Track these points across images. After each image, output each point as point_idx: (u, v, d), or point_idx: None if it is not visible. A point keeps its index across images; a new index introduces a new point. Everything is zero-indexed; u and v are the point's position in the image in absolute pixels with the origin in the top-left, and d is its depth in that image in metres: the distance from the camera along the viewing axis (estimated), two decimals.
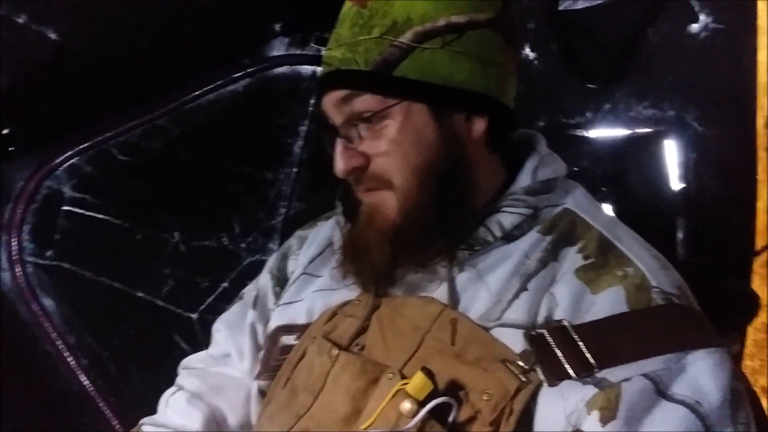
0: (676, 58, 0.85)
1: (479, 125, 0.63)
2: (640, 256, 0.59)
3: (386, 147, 0.60)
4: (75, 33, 0.95)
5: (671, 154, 0.84)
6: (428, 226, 0.61)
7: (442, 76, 0.60)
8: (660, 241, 0.64)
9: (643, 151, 0.86)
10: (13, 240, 1.04)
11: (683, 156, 0.83)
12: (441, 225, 0.61)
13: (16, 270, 1.03)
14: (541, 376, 0.53)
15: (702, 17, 0.81)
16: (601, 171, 0.91)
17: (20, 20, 0.92)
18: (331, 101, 0.63)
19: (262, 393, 0.70)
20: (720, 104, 0.81)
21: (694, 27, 0.82)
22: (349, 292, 0.68)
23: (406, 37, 0.59)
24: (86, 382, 1.04)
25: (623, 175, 0.89)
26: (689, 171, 0.83)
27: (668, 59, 0.85)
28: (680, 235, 0.82)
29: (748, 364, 0.73)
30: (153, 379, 0.84)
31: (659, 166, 0.85)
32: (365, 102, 0.60)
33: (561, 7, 0.93)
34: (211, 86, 1.13)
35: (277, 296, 0.78)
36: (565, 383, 0.53)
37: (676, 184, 0.84)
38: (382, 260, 0.62)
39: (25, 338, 1.03)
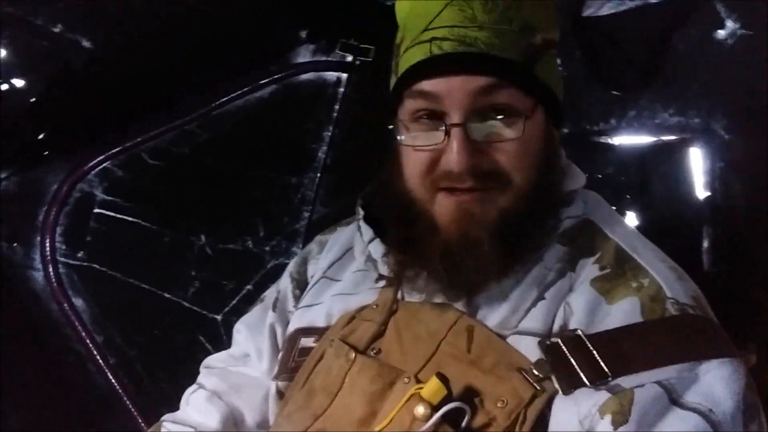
0: (703, 64, 0.84)
1: (557, 137, 0.65)
2: (657, 268, 0.59)
3: (517, 147, 0.58)
4: (107, 41, 0.99)
5: (697, 162, 0.83)
6: (533, 226, 0.60)
7: (553, 83, 0.62)
8: (685, 251, 0.63)
9: (669, 158, 0.85)
10: (46, 241, 1.07)
11: (709, 164, 0.82)
12: (539, 231, 0.61)
13: (49, 270, 1.07)
14: (556, 385, 0.54)
15: (729, 23, 0.80)
16: (626, 179, 0.90)
17: (56, 29, 0.95)
18: (461, 86, 0.56)
19: (280, 393, 0.71)
20: (747, 111, 0.80)
21: (721, 33, 0.81)
22: (368, 296, 0.69)
23: (537, 41, 0.59)
24: (114, 381, 1.07)
25: (648, 183, 0.88)
26: (715, 179, 0.82)
27: (694, 66, 0.84)
28: (705, 244, 0.81)
29: None
30: (178, 378, 0.86)
31: (685, 174, 0.84)
32: (508, 96, 0.57)
33: (585, 14, 0.93)
34: (239, 92, 1.15)
35: (297, 299, 0.79)
36: (579, 390, 0.53)
37: (701, 192, 0.83)
38: (487, 260, 0.58)
39: (55, 337, 1.07)
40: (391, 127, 0.63)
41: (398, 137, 0.62)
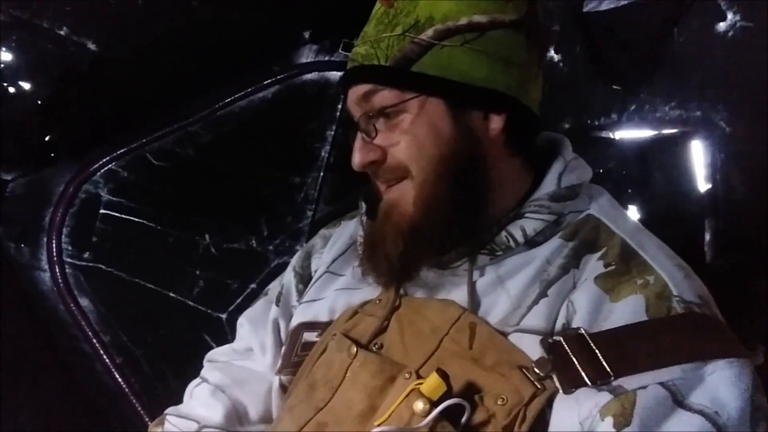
0: (704, 57, 0.83)
1: (496, 123, 0.63)
2: (663, 265, 0.58)
3: (401, 138, 0.61)
4: (112, 43, 1.00)
5: (698, 154, 0.83)
6: (444, 222, 0.61)
7: (461, 73, 0.60)
8: (687, 243, 0.63)
9: (670, 152, 0.85)
10: (53, 241, 1.08)
11: (710, 156, 0.82)
12: (458, 222, 0.61)
13: (56, 270, 1.08)
14: (557, 384, 0.53)
15: (730, 15, 0.80)
16: (627, 173, 0.89)
17: (62, 32, 0.96)
18: (353, 97, 0.64)
19: (283, 387, 0.71)
20: (748, 103, 0.79)
21: (722, 26, 0.80)
22: (371, 291, 0.69)
23: (426, 35, 0.60)
24: (120, 380, 1.08)
25: (649, 176, 0.88)
26: (717, 171, 0.81)
27: (695, 59, 0.84)
28: (707, 236, 0.80)
29: None
30: (183, 377, 0.86)
31: (686, 167, 0.83)
32: (384, 97, 0.61)
33: (586, 9, 0.92)
34: (242, 93, 1.16)
35: (300, 293, 0.79)
36: (581, 389, 0.52)
37: (703, 185, 0.82)
38: (396, 255, 0.62)
39: (63, 337, 1.08)
40: None
41: None
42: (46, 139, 1.07)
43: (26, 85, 0.99)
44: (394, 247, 0.62)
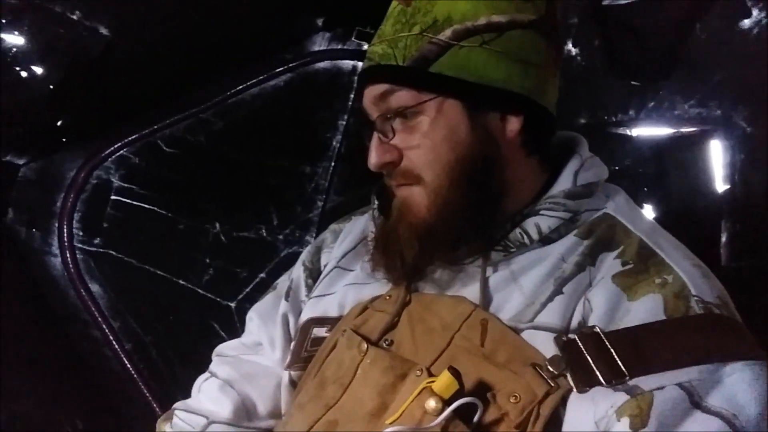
0: (726, 54, 0.81)
1: (513, 125, 0.62)
2: (681, 264, 0.57)
3: (418, 141, 0.61)
4: (125, 28, 0.99)
5: (717, 154, 0.81)
6: (458, 225, 0.61)
7: (478, 74, 0.60)
8: (703, 244, 0.62)
9: (688, 151, 0.84)
10: (64, 227, 1.09)
11: (730, 156, 0.81)
12: (472, 224, 0.61)
13: (67, 256, 1.08)
14: (571, 382, 0.52)
15: (755, 12, 0.78)
16: (644, 171, 0.88)
17: (74, 16, 0.96)
18: (369, 96, 0.63)
19: (293, 383, 0.71)
20: None
21: (746, 23, 0.78)
22: (381, 286, 0.69)
23: (444, 35, 0.59)
24: (129, 366, 1.09)
25: (666, 175, 0.87)
26: (735, 172, 0.80)
27: (717, 56, 0.82)
28: (724, 238, 0.79)
29: None
30: (191, 363, 0.87)
31: (704, 167, 0.82)
32: (401, 97, 0.61)
33: (605, 2, 0.91)
34: (254, 81, 1.16)
35: (310, 288, 0.79)
36: (596, 389, 0.52)
37: (721, 185, 0.81)
38: (411, 256, 0.62)
39: (73, 322, 1.08)
40: None
41: None
42: (58, 124, 1.07)
43: (38, 70, 0.98)
44: (409, 248, 0.62)
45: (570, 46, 0.98)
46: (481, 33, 0.59)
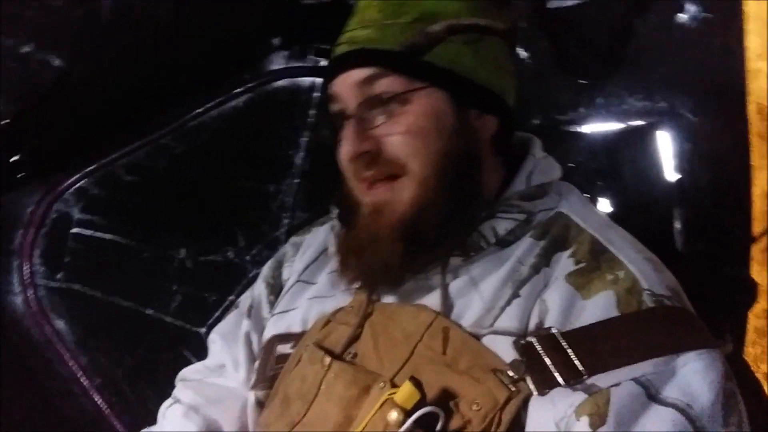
0: (666, 48, 0.84)
1: (491, 124, 0.64)
2: (632, 259, 0.58)
3: (405, 130, 0.60)
4: (77, 59, 0.98)
5: (665, 145, 0.83)
6: (442, 222, 0.60)
7: (467, 69, 0.61)
8: (657, 233, 0.63)
9: (637, 143, 0.86)
10: (24, 264, 1.06)
11: (677, 146, 0.83)
12: (454, 223, 0.61)
13: (29, 293, 1.06)
14: (531, 386, 0.53)
15: (689, 7, 0.81)
16: (596, 166, 0.90)
17: (26, 49, 0.95)
18: (348, 82, 0.61)
19: (260, 403, 0.70)
20: (712, 93, 0.80)
21: (682, 17, 0.81)
22: (344, 298, 0.68)
23: (436, 27, 0.60)
24: (100, 402, 1.06)
25: (618, 168, 0.89)
26: (684, 161, 0.82)
27: (658, 50, 0.84)
28: (677, 225, 0.81)
29: (750, 351, 0.72)
30: (164, 395, 0.85)
31: (654, 158, 0.84)
32: (389, 83, 0.60)
33: (550, 6, 0.93)
34: (213, 103, 1.15)
35: (272, 305, 0.78)
36: (556, 389, 0.52)
37: (671, 174, 0.83)
38: (394, 257, 0.60)
39: (38, 360, 1.05)
40: None
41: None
42: (14, 159, 1.05)
43: None
44: (392, 251, 0.60)
45: (520, 50, 0.99)
46: (467, 32, 0.61)
